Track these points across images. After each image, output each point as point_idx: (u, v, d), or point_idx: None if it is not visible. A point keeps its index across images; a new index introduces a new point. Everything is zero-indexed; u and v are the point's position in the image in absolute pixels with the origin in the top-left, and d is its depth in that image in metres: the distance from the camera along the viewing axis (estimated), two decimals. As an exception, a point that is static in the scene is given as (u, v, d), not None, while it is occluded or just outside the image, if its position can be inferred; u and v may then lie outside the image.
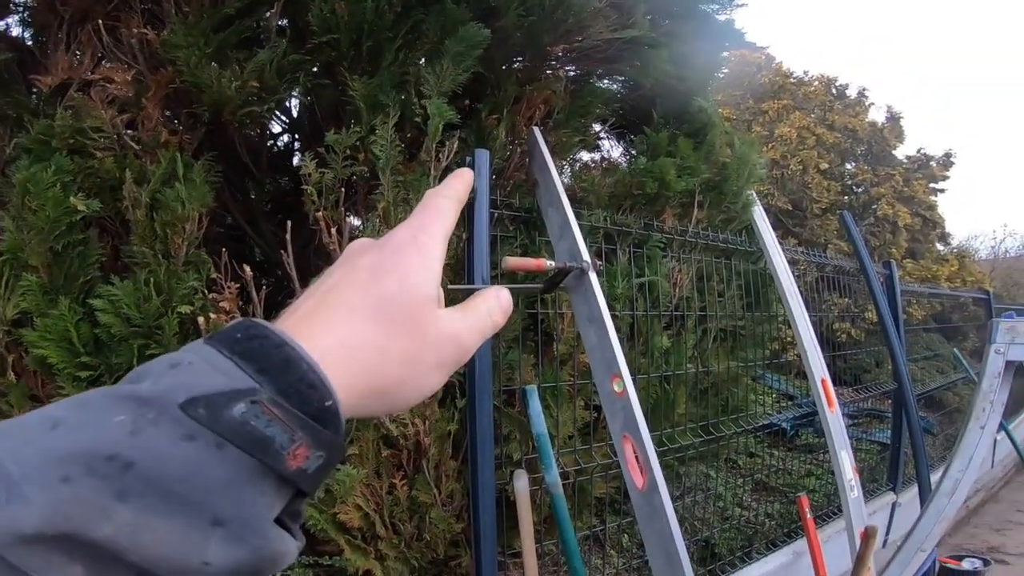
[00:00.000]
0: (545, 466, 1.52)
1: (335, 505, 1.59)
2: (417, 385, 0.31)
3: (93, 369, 1.46)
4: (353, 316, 0.29)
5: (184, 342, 1.26)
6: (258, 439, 0.22)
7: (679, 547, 1.29)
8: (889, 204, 7.08)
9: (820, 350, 2.32)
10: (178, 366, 0.24)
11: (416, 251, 0.32)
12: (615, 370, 1.39)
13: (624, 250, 2.11)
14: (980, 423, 1.06)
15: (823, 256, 3.27)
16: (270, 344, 0.25)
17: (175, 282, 1.50)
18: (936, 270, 6.63)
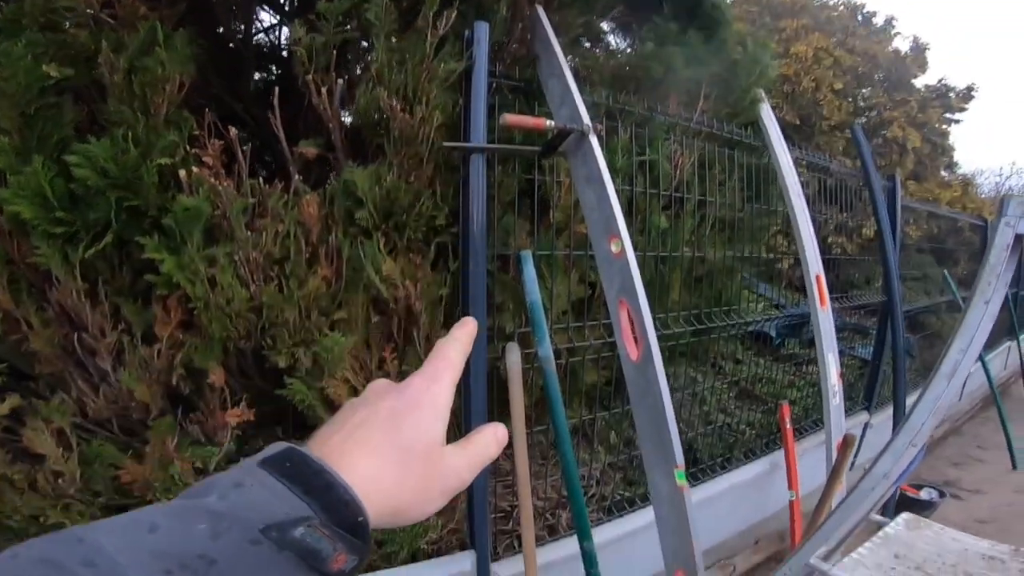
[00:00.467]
0: (538, 338, 1.50)
1: (323, 378, 1.57)
2: (425, 508, 0.39)
3: (69, 225, 1.41)
4: (377, 454, 0.37)
5: (164, 196, 1.15)
6: (311, 551, 0.30)
7: (670, 425, 1.28)
8: (900, 127, 6.93)
9: (817, 246, 2.29)
10: (241, 486, 0.31)
11: (429, 402, 0.41)
12: (613, 230, 1.34)
13: (626, 129, 2.02)
14: (984, 298, 1.00)
15: (830, 160, 3.18)
16: (311, 470, 0.32)
17: (154, 137, 1.43)
18: (939, 193, 6.60)
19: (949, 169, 8.55)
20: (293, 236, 1.52)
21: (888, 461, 1.04)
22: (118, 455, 1.55)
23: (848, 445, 1.93)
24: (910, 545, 1.16)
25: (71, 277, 1.43)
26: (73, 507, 1.54)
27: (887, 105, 7.30)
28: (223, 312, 1.46)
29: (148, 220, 1.45)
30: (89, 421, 1.59)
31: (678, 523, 1.33)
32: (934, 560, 1.11)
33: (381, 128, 1.65)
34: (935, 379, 1.01)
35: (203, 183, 1.42)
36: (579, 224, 1.86)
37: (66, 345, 1.52)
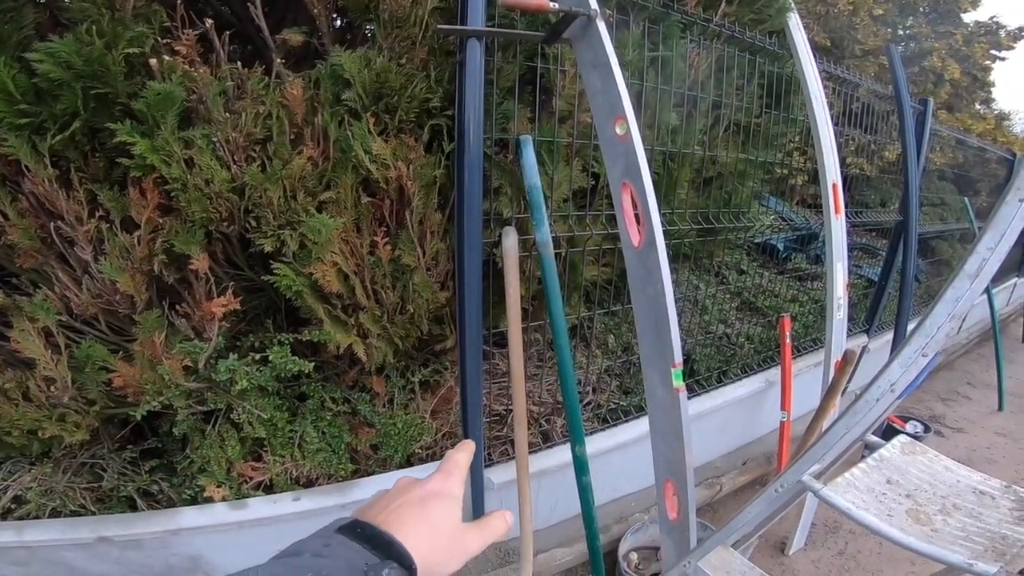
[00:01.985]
0: (536, 222, 1.42)
1: (311, 263, 1.52)
2: (449, 566, 0.51)
3: (34, 116, 1.35)
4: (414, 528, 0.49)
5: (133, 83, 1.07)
6: None
7: (671, 318, 1.21)
8: (940, 58, 6.59)
9: (838, 155, 2.17)
10: (329, 546, 0.44)
11: (447, 493, 0.55)
12: (619, 111, 1.23)
13: (639, 23, 1.86)
14: (1020, 196, 0.89)
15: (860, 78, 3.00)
16: (375, 533, 0.47)
17: (121, 29, 1.34)
18: (971, 124, 6.36)
19: (985, 104, 8.21)
20: (276, 117, 1.44)
21: (896, 370, 0.96)
22: (108, 356, 1.54)
23: (848, 362, 1.88)
24: (903, 471, 1.13)
25: (41, 165, 1.38)
26: (69, 418, 1.55)
27: (928, 36, 6.89)
28: (202, 193, 1.40)
29: (119, 108, 1.39)
30: (76, 319, 1.57)
31: (672, 428, 1.30)
32: (925, 489, 1.08)
33: (370, 11, 1.54)
34: (958, 278, 0.91)
35: (175, 69, 1.36)
36: (583, 113, 1.74)
37: (44, 237, 1.48)
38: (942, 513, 1.01)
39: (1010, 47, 7.75)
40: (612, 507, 2.37)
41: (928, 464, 1.12)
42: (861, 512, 0.97)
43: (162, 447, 1.81)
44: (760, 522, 1.19)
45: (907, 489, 1.05)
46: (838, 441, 0.99)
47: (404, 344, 1.84)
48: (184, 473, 1.73)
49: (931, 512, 1.01)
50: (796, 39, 2.34)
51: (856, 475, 1.07)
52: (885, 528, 0.95)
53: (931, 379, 4.56)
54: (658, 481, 1.41)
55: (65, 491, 1.67)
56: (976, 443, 3.60)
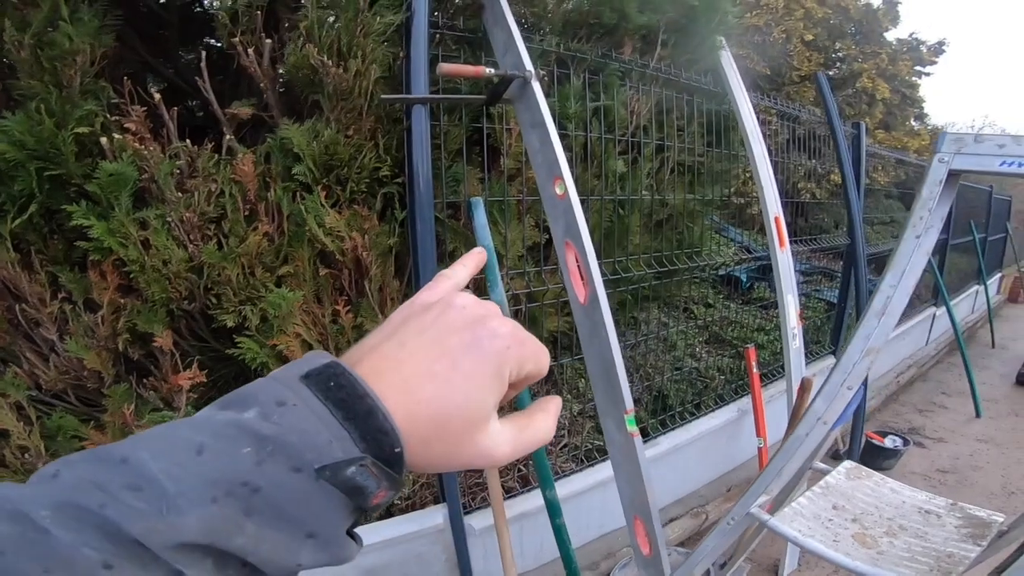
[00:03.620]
0: (490, 283, 1.48)
1: (275, 335, 1.54)
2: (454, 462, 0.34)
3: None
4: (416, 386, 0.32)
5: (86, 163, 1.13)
6: (358, 487, 0.28)
7: (619, 368, 1.27)
8: (870, 79, 6.94)
9: (776, 188, 2.28)
10: (284, 405, 0.28)
11: (490, 339, 0.35)
12: (556, 172, 1.31)
13: (579, 75, 1.98)
14: (916, 232, 0.98)
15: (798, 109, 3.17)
16: (355, 395, 0.30)
17: (69, 107, 1.40)
18: (907, 142, 6.66)
19: (919, 120, 8.61)
20: (228, 194, 1.49)
21: (821, 405, 1.03)
22: (79, 426, 1.53)
23: (805, 389, 1.94)
24: (849, 496, 1.16)
25: (3, 248, 1.41)
26: None
27: (858, 57, 7.28)
28: (161, 274, 1.43)
29: (73, 188, 1.43)
30: (45, 393, 1.57)
31: (631, 470, 1.33)
32: (871, 513, 1.11)
33: (315, 85, 1.61)
34: (866, 317, 0.98)
35: (126, 148, 1.39)
36: (532, 170, 1.83)
37: (11, 318, 1.50)
38: (888, 535, 1.05)
39: (932, 62, 8.18)
40: (600, 543, 2.36)
41: (874, 487, 1.16)
42: (807, 539, 1.00)
43: None
44: (732, 552, 1.22)
45: (853, 513, 1.09)
46: (778, 475, 1.03)
47: (374, 402, 1.86)
48: None
49: (877, 535, 1.04)
50: (729, 76, 2.47)
51: (803, 503, 1.11)
52: (831, 554, 0.98)
53: (906, 392, 4.63)
54: (628, 519, 1.43)
55: None
56: (959, 452, 3.63)
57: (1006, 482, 3.26)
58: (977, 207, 6.28)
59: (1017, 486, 3.22)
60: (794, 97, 6.02)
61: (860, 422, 2.95)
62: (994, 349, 6.10)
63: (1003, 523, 1.10)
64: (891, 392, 4.41)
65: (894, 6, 8.24)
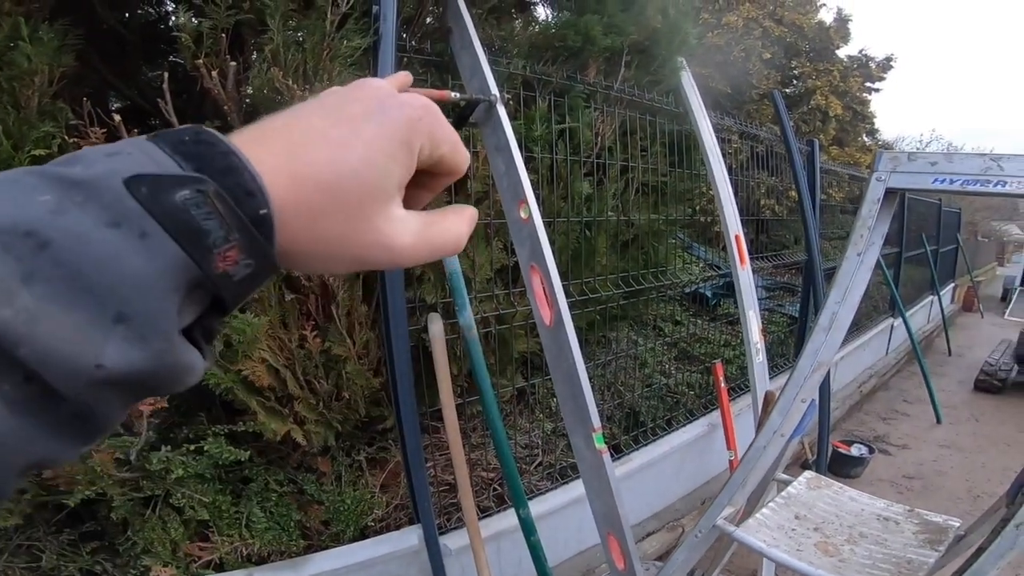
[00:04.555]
0: (458, 306, 1.49)
1: (239, 360, 1.53)
2: (342, 253, 0.27)
3: None
4: (307, 145, 0.26)
5: None
6: (193, 229, 0.21)
7: (585, 388, 1.29)
8: (823, 96, 7.21)
9: (736, 207, 2.35)
10: (116, 155, 0.21)
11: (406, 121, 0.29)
12: (521, 196, 1.34)
13: (544, 98, 2.03)
14: (857, 250, 1.03)
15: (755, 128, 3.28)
16: (216, 150, 0.23)
17: (27, 128, 1.37)
18: (860, 158, 6.93)
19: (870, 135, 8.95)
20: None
21: (777, 419, 1.06)
22: None
23: (769, 402, 1.99)
24: (810, 505, 1.18)
25: None
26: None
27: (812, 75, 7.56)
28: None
29: None
30: (1, 415, 1.52)
31: (601, 487, 1.35)
32: (832, 521, 1.14)
33: (280, 107, 1.60)
34: (814, 332, 1.03)
35: None
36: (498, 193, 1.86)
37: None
38: (849, 543, 1.08)
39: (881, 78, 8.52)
40: (578, 560, 2.35)
41: (834, 496, 1.20)
42: (772, 549, 1.03)
43: (101, 530, 1.73)
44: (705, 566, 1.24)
45: (815, 522, 1.12)
46: (740, 487, 1.06)
47: (344, 427, 1.84)
48: (127, 554, 1.65)
49: (839, 543, 1.08)
50: (689, 96, 2.56)
51: (766, 514, 1.13)
52: (795, 562, 1.01)
53: (869, 400, 4.74)
54: (601, 535, 1.44)
55: (5, 570, 1.60)
56: (923, 457, 3.72)
57: (971, 486, 3.36)
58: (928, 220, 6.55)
59: (982, 489, 3.31)
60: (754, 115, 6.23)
61: (826, 432, 3.02)
62: (951, 357, 6.31)
63: (959, 528, 1.14)
64: (854, 401, 4.51)
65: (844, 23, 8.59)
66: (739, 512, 1.14)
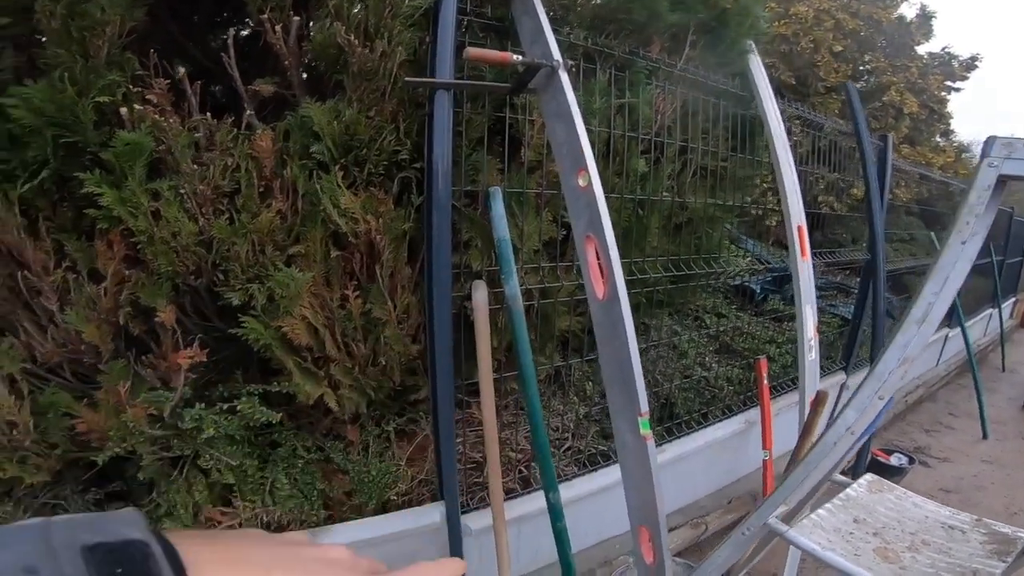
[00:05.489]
0: (504, 275, 1.44)
1: (280, 317, 1.52)
2: None
3: (5, 163, 1.36)
4: None
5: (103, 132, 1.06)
6: None
7: (635, 368, 1.22)
8: (898, 92, 6.84)
9: (801, 197, 2.23)
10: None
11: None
12: (581, 163, 1.27)
13: (605, 71, 1.94)
14: (961, 238, 0.94)
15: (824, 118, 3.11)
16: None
17: (94, 77, 1.37)
18: (931, 158, 6.57)
19: (945, 136, 8.46)
20: (244, 169, 1.46)
21: (852, 415, 0.98)
22: (72, 403, 1.50)
23: (820, 402, 1.90)
24: (871, 509, 1.12)
25: (11, 214, 1.38)
26: (30, 460, 1.51)
27: (887, 70, 7.17)
28: (169, 246, 1.40)
29: (88, 157, 1.40)
30: (41, 367, 1.54)
31: (642, 476, 1.29)
32: (893, 527, 1.07)
33: (340, 64, 1.58)
34: (904, 324, 0.93)
35: (145, 119, 1.37)
36: (552, 163, 1.79)
37: (11, 286, 1.46)
38: (911, 550, 1.00)
39: (964, 77, 8.01)
40: (597, 550, 2.31)
41: (896, 501, 1.12)
42: (827, 552, 0.96)
43: (127, 490, 1.75)
44: (732, 565, 1.18)
45: (875, 527, 1.05)
46: (799, 485, 0.99)
47: (377, 395, 1.82)
48: (150, 516, 1.66)
49: (899, 549, 1.00)
50: (757, 80, 2.43)
51: (823, 515, 1.06)
52: (852, 567, 0.94)
53: (914, 411, 4.58)
54: (633, 527, 1.39)
55: None
56: (963, 472, 3.59)
57: (1009, 503, 3.22)
58: (997, 227, 6.19)
59: (1020, 506, 3.18)
60: (819, 108, 5.95)
61: (867, 439, 2.90)
62: (1004, 373, 6.07)
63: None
64: (899, 411, 4.36)
65: (927, 19, 8.09)
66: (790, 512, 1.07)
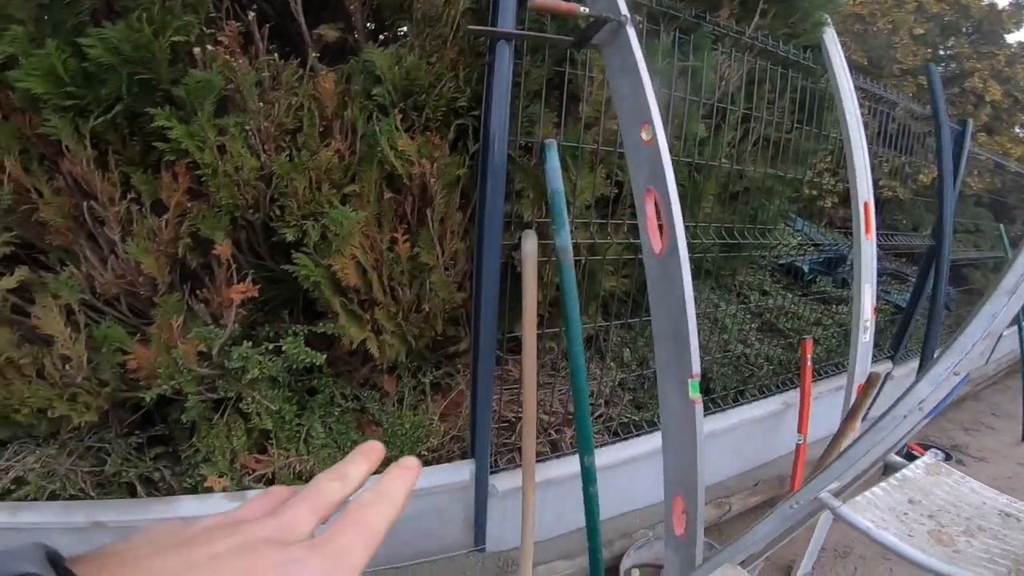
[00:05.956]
0: (557, 226, 1.42)
1: (331, 255, 1.54)
2: None
3: (80, 99, 1.39)
4: None
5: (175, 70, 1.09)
6: None
7: (690, 326, 1.17)
8: (982, 79, 6.46)
9: (870, 175, 2.12)
10: None
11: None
12: (646, 116, 1.22)
13: (669, 33, 1.86)
14: None
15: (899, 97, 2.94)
16: None
17: (170, 18, 1.39)
18: (1010, 148, 6.22)
19: (1025, 127, 7.97)
20: (307, 109, 1.47)
21: (925, 388, 0.91)
22: (125, 338, 1.56)
23: (872, 384, 1.82)
24: (927, 492, 1.07)
25: (81, 146, 1.42)
26: (80, 398, 1.57)
27: (971, 56, 6.76)
28: (231, 179, 1.43)
29: (160, 94, 1.43)
30: (98, 298, 1.61)
31: (685, 441, 1.26)
32: (949, 511, 1.03)
33: (403, 10, 1.57)
34: (995, 294, 0.84)
35: (216, 59, 1.40)
36: (610, 120, 1.74)
37: (76, 215, 1.52)
38: (966, 535, 0.96)
39: None
40: (617, 522, 2.32)
41: (953, 486, 1.07)
42: (881, 531, 0.93)
43: (169, 434, 1.83)
44: (772, 540, 1.15)
45: (930, 510, 1.01)
46: (861, 458, 0.95)
47: (417, 344, 1.84)
48: (188, 462, 1.73)
49: (954, 533, 0.96)
50: (832, 54, 2.31)
51: (877, 494, 1.02)
52: (905, 548, 0.90)
53: (955, 409, 4.43)
54: (667, 495, 1.37)
55: (67, 474, 1.68)
56: (998, 472, 3.48)
57: (1041, 506, 3.10)
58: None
59: (1052, 512, 3.05)
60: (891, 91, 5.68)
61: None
62: (1054, 377, 5.80)
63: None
64: (941, 408, 4.22)
65: (1020, 8, 7.58)
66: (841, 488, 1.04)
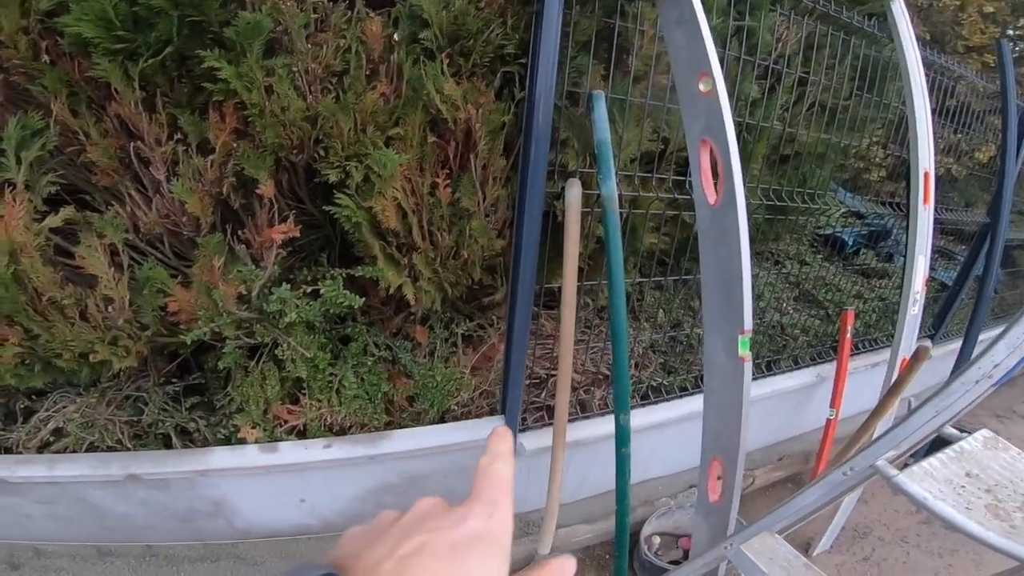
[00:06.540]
0: (603, 175, 1.38)
1: (373, 196, 1.54)
2: None
3: (130, 42, 1.39)
4: None
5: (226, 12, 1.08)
6: None
7: (745, 280, 1.13)
8: None
9: (933, 143, 2.03)
10: None
11: (493, 536, 0.33)
12: (704, 68, 1.17)
13: (727, -11, 1.78)
14: None
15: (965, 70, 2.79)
16: None
17: None
18: None
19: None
20: (354, 52, 1.45)
21: (1002, 351, 0.86)
22: (167, 280, 1.59)
23: (920, 358, 1.75)
24: (984, 465, 1.03)
25: (130, 88, 1.43)
26: (121, 341, 1.60)
27: None
28: (277, 120, 1.42)
29: (209, 36, 1.43)
30: (141, 238, 1.62)
31: (730, 401, 1.23)
32: (1006, 486, 0.99)
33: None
34: None
35: (266, 1, 1.39)
36: (659, 75, 1.68)
37: (122, 157, 1.54)
38: (1022, 511, 0.93)
39: None
40: (639, 489, 2.30)
41: (1011, 461, 1.03)
42: (938, 503, 0.90)
43: (205, 383, 1.86)
44: (815, 509, 1.13)
45: (987, 484, 0.97)
46: (923, 425, 0.92)
47: (453, 292, 1.83)
48: (222, 412, 1.76)
49: (1011, 509, 0.93)
50: (899, 22, 2.19)
51: (934, 464, 0.99)
52: (962, 520, 0.88)
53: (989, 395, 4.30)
54: (704, 458, 1.34)
55: (105, 424, 1.72)
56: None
57: (1064, 500, 3.01)
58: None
59: (1074, 506, 2.96)
60: (957, 66, 5.41)
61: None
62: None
63: None
64: (972, 393, 4.10)
65: (1097, -10, 7.07)
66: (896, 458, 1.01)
